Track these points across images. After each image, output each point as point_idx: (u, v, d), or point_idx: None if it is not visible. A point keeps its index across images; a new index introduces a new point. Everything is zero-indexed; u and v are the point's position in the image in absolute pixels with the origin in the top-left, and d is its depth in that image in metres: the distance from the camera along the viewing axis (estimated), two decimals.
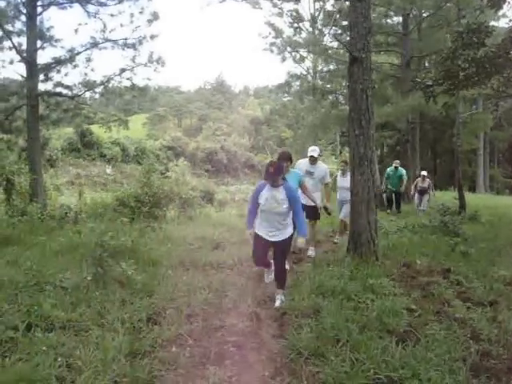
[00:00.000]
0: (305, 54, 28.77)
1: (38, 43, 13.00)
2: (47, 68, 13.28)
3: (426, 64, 27.08)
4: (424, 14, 22.27)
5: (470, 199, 18.19)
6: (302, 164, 8.59)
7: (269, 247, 5.93)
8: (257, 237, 5.87)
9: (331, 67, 28.28)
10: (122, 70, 14.04)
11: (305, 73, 31.48)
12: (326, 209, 8.43)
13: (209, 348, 4.17)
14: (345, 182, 9.70)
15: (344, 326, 4.36)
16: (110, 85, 14.37)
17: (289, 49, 27.80)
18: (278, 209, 5.54)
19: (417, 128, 23.36)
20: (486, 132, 36.07)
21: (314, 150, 8.49)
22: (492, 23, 17.34)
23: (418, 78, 13.35)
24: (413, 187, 16.42)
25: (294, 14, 28.32)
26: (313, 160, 8.51)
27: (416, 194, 16.14)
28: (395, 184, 15.71)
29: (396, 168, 15.85)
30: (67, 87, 13.73)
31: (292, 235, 5.97)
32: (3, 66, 13.16)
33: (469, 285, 6.24)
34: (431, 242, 9.16)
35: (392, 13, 23.32)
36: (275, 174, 5.45)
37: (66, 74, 13.62)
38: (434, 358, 3.77)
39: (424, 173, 16.07)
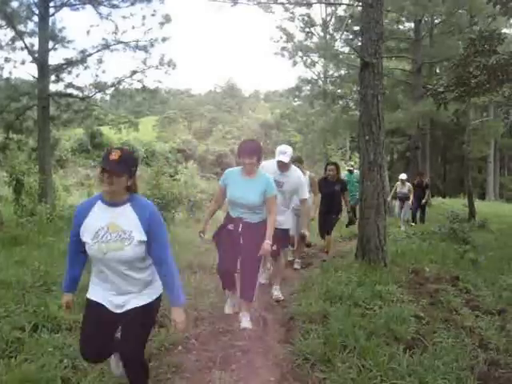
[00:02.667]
0: (316, 59, 28.79)
1: (50, 44, 13.05)
2: (58, 69, 13.34)
3: (438, 70, 27.04)
4: (436, 21, 22.33)
5: (480, 207, 18.13)
6: (268, 167, 5.73)
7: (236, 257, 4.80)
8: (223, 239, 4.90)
9: (342, 72, 28.29)
10: (133, 72, 14.09)
11: (315, 77, 31.51)
12: (303, 238, 6.47)
13: (215, 352, 4.15)
14: None
15: (351, 333, 4.32)
16: (121, 86, 14.44)
17: (300, 53, 27.76)
18: (121, 252, 2.83)
19: (427, 134, 23.31)
20: (497, 139, 35.98)
21: (283, 153, 5.82)
22: (504, 30, 17.36)
23: (429, 84, 13.33)
24: (391, 194, 13.35)
25: (306, 18, 28.30)
26: (282, 166, 5.89)
27: (396, 202, 13.70)
28: (352, 195, 11.07)
29: (350, 172, 12.33)
30: (78, 88, 13.80)
31: None
32: (15, 67, 13.26)
33: (477, 293, 6.20)
34: (440, 250, 9.10)
35: (404, 19, 23.33)
36: (120, 163, 2.69)
37: (77, 75, 13.68)
38: (442, 366, 3.73)
39: (403, 176, 13.60)
